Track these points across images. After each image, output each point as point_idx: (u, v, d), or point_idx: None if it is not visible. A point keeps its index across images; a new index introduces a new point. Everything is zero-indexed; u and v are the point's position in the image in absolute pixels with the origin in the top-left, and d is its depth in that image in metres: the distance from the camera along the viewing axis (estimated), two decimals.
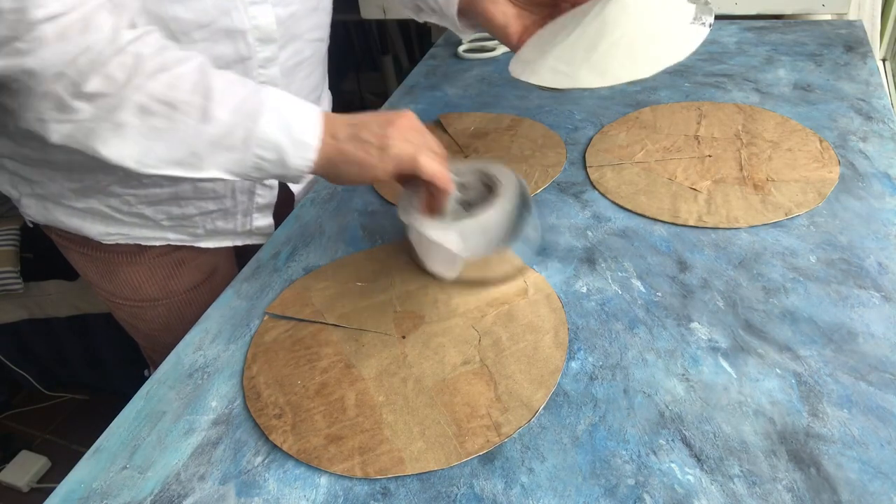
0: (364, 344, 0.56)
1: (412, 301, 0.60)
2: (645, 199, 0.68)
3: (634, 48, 0.53)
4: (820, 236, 0.61)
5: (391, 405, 0.50)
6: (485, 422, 0.48)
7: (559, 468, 0.45)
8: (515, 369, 0.52)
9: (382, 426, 0.49)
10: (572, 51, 0.55)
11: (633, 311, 0.56)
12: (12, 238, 1.43)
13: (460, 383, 0.51)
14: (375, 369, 0.53)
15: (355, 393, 0.51)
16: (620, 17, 0.54)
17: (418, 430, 0.48)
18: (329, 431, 0.49)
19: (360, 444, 0.48)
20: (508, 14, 0.65)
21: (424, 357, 0.54)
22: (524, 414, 0.48)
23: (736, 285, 0.57)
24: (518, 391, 0.50)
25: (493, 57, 1.09)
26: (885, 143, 0.72)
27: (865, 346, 0.50)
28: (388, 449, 0.47)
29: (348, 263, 0.66)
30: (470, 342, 0.54)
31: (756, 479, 0.43)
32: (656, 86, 0.91)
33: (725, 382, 0.49)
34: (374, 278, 0.63)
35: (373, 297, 0.61)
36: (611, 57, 0.52)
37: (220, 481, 0.47)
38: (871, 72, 0.87)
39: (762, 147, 0.73)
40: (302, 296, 0.62)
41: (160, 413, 0.53)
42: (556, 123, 0.85)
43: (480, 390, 0.50)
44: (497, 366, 0.52)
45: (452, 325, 0.57)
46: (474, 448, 0.46)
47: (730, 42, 1.02)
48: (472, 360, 0.53)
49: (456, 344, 0.55)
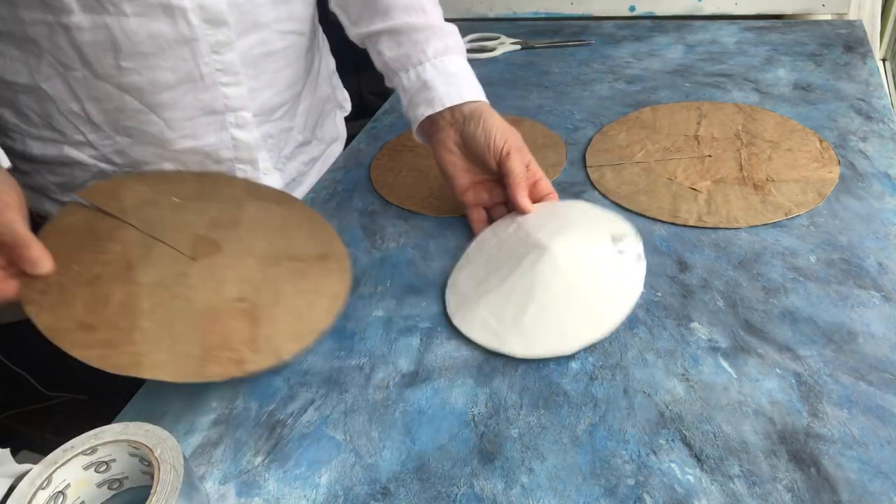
0: (153, 253, 0.55)
1: (218, 231, 0.59)
2: (645, 199, 0.68)
3: (562, 319, 0.54)
4: (820, 236, 0.61)
5: (152, 314, 0.50)
6: (232, 355, 0.49)
7: (559, 468, 0.45)
8: (282, 320, 0.53)
9: (135, 330, 0.49)
10: (503, 306, 0.56)
11: (633, 311, 0.56)
12: None
13: (225, 316, 0.52)
14: (153, 278, 0.53)
15: (124, 294, 0.51)
16: (551, 277, 0.56)
17: (168, 343, 0.49)
18: (84, 320, 0.49)
19: (108, 339, 0.48)
20: (457, 166, 0.65)
21: (204, 282, 0.54)
22: (269, 358, 0.50)
23: (736, 285, 0.57)
24: (275, 338, 0.52)
25: (492, 57, 1.09)
26: (885, 143, 0.72)
27: (865, 346, 0.50)
28: (133, 351, 0.48)
29: (176, 179, 0.65)
30: (253, 283, 0.55)
31: (756, 479, 0.43)
32: (656, 86, 0.91)
33: (725, 382, 0.49)
34: (194, 199, 0.62)
35: (182, 214, 0.60)
36: (538, 326, 0.54)
37: (220, 481, 0.47)
38: (871, 72, 0.87)
39: (762, 147, 0.73)
40: (116, 190, 0.61)
41: (160, 413, 0.53)
42: (556, 123, 0.85)
43: (241, 327, 0.52)
44: (266, 311, 0.53)
45: (245, 263, 0.57)
46: (212, 373, 0.48)
47: (730, 42, 1.02)
48: (246, 300, 0.54)
49: (239, 281, 0.55)
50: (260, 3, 0.64)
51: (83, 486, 0.45)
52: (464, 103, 0.64)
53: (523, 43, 1.12)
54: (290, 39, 0.69)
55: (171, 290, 0.53)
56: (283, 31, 0.68)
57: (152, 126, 0.63)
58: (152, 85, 0.61)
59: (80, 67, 0.59)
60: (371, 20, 0.69)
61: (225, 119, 0.66)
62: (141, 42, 0.58)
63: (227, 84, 0.64)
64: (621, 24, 1.15)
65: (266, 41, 0.66)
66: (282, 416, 0.52)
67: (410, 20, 0.67)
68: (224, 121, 0.66)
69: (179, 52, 0.59)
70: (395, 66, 0.69)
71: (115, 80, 0.60)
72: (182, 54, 0.59)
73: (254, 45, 0.65)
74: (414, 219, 0.72)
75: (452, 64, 0.67)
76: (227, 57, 0.63)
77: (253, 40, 0.65)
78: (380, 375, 0.54)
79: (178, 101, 0.62)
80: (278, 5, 0.66)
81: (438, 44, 0.67)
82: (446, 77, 0.66)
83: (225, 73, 0.63)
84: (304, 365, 0.56)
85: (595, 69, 1.00)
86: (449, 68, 0.66)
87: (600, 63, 1.02)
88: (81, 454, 0.43)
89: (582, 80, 0.97)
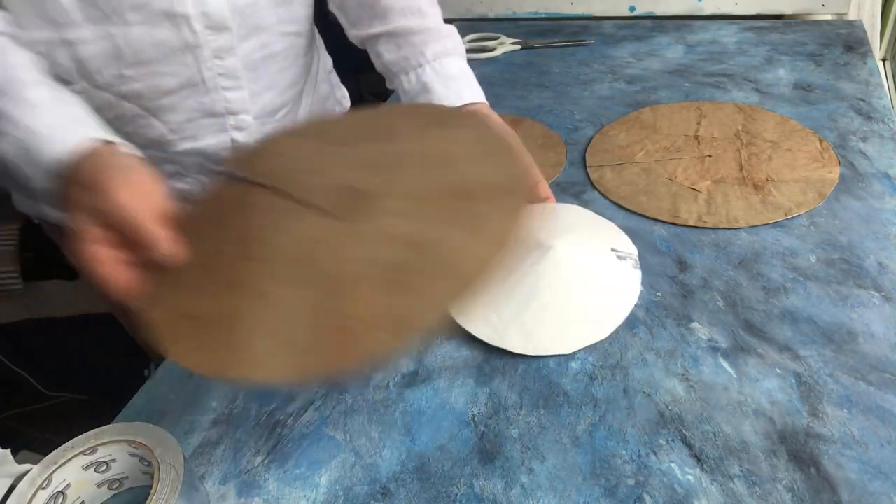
0: (288, 217, 0.45)
1: (370, 177, 0.47)
2: (645, 199, 0.68)
3: (562, 319, 0.54)
4: (820, 236, 0.61)
5: (268, 305, 0.41)
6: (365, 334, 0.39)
7: (559, 468, 0.45)
8: (434, 287, 0.40)
9: (246, 329, 0.40)
10: (506, 302, 0.56)
11: (633, 311, 0.56)
12: (12, 238, 1.43)
13: (363, 288, 0.40)
14: (283, 251, 0.43)
15: (242, 275, 0.42)
16: (553, 276, 0.56)
17: (284, 342, 0.39)
18: (190, 311, 0.42)
19: (211, 339, 0.40)
20: None
21: (344, 247, 0.43)
22: (416, 330, 0.39)
23: (736, 285, 0.57)
24: (421, 309, 0.39)
25: (492, 57, 1.09)
26: (885, 143, 0.72)
27: (865, 346, 0.50)
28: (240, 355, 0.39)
29: (329, 124, 0.57)
30: (403, 240, 0.42)
31: (756, 479, 0.43)
32: (656, 86, 0.91)
33: (725, 382, 0.49)
34: (347, 142, 0.52)
35: (332, 162, 0.50)
36: (539, 324, 0.54)
37: (221, 481, 0.47)
38: (871, 72, 0.87)
39: (762, 147, 0.73)
40: (260, 152, 0.54)
41: (160, 413, 0.53)
42: (556, 123, 0.85)
43: (380, 301, 0.40)
44: (416, 278, 0.41)
45: (396, 212, 0.44)
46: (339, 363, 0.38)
47: (730, 42, 1.02)
48: (391, 264, 0.41)
49: (387, 240, 0.42)
50: (261, 6, 0.63)
51: (83, 486, 0.45)
52: (463, 105, 0.64)
53: (523, 43, 1.12)
54: (290, 41, 0.69)
55: (301, 265, 0.42)
56: (283, 32, 0.68)
57: (152, 130, 0.63)
58: (153, 91, 0.60)
59: (78, 80, 0.58)
60: (370, 23, 0.69)
61: (225, 122, 0.66)
62: (143, 50, 0.58)
63: (228, 88, 0.64)
64: (621, 24, 1.15)
65: (267, 44, 0.66)
66: (282, 416, 0.52)
67: (408, 23, 0.67)
68: (224, 123, 0.66)
69: (182, 58, 0.59)
70: (395, 70, 0.69)
71: (116, 88, 0.59)
72: (185, 61, 0.59)
73: (255, 48, 0.65)
74: None
75: (452, 66, 0.67)
76: (229, 62, 0.63)
77: (254, 44, 0.64)
78: (380, 375, 0.54)
79: (179, 105, 0.62)
80: (279, 7, 0.66)
81: (437, 46, 0.67)
82: (446, 80, 0.66)
83: (227, 78, 0.63)
84: None
85: (595, 69, 1.00)
86: (448, 71, 0.66)
87: (600, 63, 1.02)
88: (81, 454, 0.43)
89: (582, 80, 0.97)
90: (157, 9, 0.56)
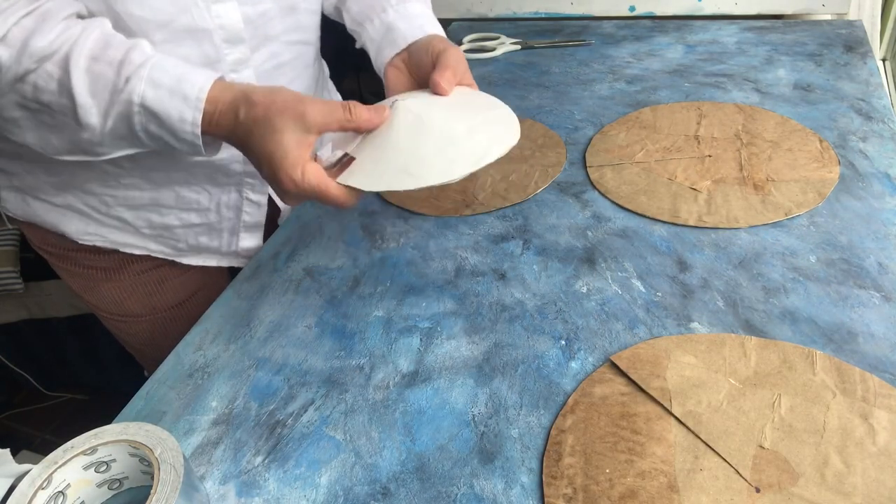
0: (704, 467, 0.42)
1: (791, 442, 0.43)
2: (645, 199, 0.68)
3: (444, 150, 0.52)
4: (820, 236, 0.61)
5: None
6: None
7: None
8: None
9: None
10: (380, 155, 0.53)
11: (633, 311, 0.56)
12: (12, 238, 1.43)
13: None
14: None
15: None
16: (417, 116, 0.53)
17: None
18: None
19: None
20: (399, 80, 0.64)
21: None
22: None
23: (736, 285, 0.57)
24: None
25: (492, 57, 1.09)
26: (885, 143, 0.72)
27: (865, 346, 0.50)
28: None
29: (731, 345, 0.51)
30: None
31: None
32: (656, 86, 0.91)
33: None
34: (755, 383, 0.47)
35: (742, 408, 0.45)
36: (421, 161, 0.52)
37: (221, 481, 0.47)
38: (871, 72, 0.87)
39: (762, 147, 0.73)
40: (658, 360, 0.50)
41: (160, 413, 0.53)
42: (556, 123, 0.85)
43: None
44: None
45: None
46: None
47: (730, 42, 1.02)
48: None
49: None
50: (270, 16, 0.64)
51: (83, 486, 0.45)
52: (423, 36, 0.64)
53: (523, 43, 1.12)
54: (297, 50, 0.70)
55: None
56: (290, 41, 0.69)
57: None
58: None
59: None
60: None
61: None
62: None
63: None
64: (621, 24, 1.15)
65: (276, 54, 0.67)
66: (282, 416, 0.52)
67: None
68: None
69: None
70: (361, 19, 0.70)
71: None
72: None
73: (265, 58, 0.66)
74: (414, 219, 0.72)
75: (414, 7, 0.67)
76: (244, 74, 0.64)
77: (265, 54, 0.66)
78: (380, 375, 0.54)
79: None
80: (286, 17, 0.67)
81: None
82: (409, 18, 0.66)
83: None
84: (304, 365, 0.56)
85: (595, 69, 1.00)
86: (411, 11, 0.67)
87: (600, 63, 1.02)
88: (81, 454, 0.43)
89: (582, 80, 0.97)
90: (181, 26, 0.57)
